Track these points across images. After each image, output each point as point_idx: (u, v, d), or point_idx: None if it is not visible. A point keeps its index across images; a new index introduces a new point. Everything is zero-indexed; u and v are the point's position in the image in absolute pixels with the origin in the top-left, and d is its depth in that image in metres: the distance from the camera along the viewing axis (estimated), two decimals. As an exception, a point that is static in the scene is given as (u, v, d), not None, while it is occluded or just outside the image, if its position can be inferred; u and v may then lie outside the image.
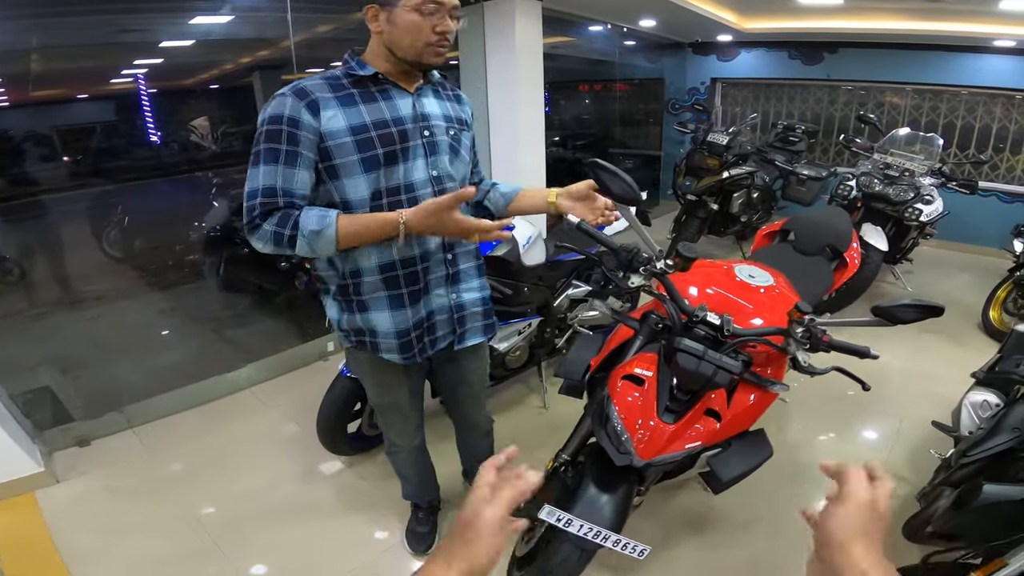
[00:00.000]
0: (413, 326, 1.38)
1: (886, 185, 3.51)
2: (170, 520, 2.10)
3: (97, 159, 5.74)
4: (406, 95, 1.30)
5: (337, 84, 1.24)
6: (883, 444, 2.49)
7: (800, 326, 1.34)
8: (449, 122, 1.37)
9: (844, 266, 2.32)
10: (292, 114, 1.17)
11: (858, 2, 4.05)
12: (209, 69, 6.09)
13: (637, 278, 1.37)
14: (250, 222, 1.20)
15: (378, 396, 1.58)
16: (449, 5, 1.21)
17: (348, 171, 1.23)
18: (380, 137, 1.24)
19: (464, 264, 1.44)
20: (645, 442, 1.32)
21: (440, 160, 1.34)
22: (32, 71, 4.66)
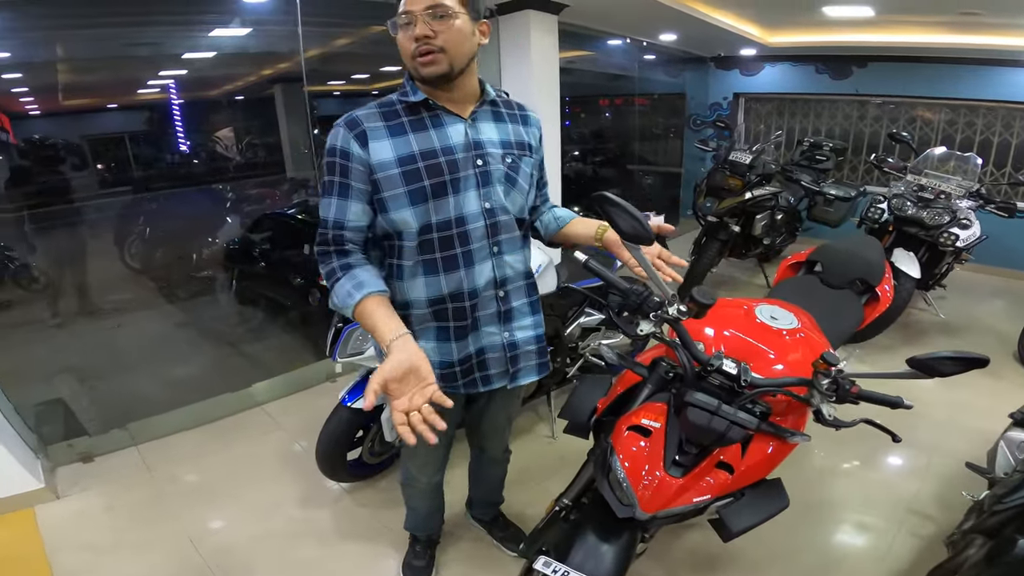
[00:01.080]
0: (458, 360, 1.34)
1: (920, 208, 3.34)
2: (166, 541, 2.08)
3: (124, 169, 5.84)
4: (458, 121, 1.25)
5: (390, 112, 1.22)
6: (912, 478, 2.36)
7: (826, 377, 1.23)
8: (507, 148, 1.30)
9: (875, 300, 2.18)
10: (343, 146, 1.18)
11: (889, 15, 3.90)
12: (233, 81, 6.18)
13: (647, 324, 1.26)
14: (316, 252, 1.25)
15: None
16: (417, 10, 1.12)
17: (396, 204, 1.21)
18: (427, 168, 1.20)
19: (516, 302, 1.39)
20: (650, 495, 1.23)
21: (493, 191, 1.28)
22: (62, 81, 4.77)
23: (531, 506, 2.16)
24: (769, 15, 4.40)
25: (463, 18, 1.16)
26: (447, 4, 1.13)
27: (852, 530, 2.12)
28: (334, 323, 2.06)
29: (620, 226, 1.17)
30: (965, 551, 1.52)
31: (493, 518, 2.02)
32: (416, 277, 1.28)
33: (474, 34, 1.20)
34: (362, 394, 2.02)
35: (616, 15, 3.95)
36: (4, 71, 4.15)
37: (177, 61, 4.99)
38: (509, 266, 1.34)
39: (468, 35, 1.18)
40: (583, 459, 1.53)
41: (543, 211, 1.51)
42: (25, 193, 4.47)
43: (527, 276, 1.41)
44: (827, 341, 1.57)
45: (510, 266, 1.35)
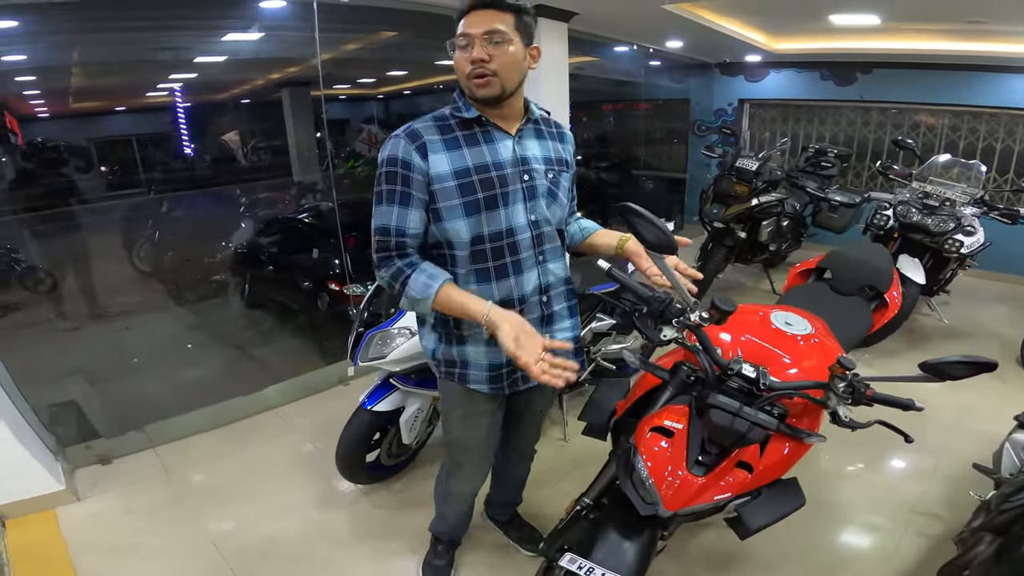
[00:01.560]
0: (506, 362, 1.40)
1: (925, 215, 3.38)
2: (187, 543, 2.11)
3: (131, 171, 5.89)
4: (507, 138, 1.33)
5: (445, 125, 1.29)
6: (918, 480, 2.39)
7: (842, 381, 1.27)
8: (549, 164, 1.38)
9: (884, 306, 2.22)
10: (405, 156, 1.24)
11: (895, 23, 3.95)
12: (240, 85, 6.24)
13: (670, 330, 1.30)
14: (373, 260, 1.31)
15: (463, 430, 1.56)
16: (476, 33, 1.20)
17: (451, 214, 1.27)
18: (481, 182, 1.28)
19: (558, 306, 1.46)
20: (672, 493, 1.27)
21: (539, 204, 1.36)
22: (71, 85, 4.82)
23: (546, 507, 2.19)
24: (776, 23, 4.45)
25: (517, 44, 1.23)
26: (503, 30, 1.20)
27: (860, 530, 2.16)
28: (355, 328, 2.09)
29: (644, 236, 1.22)
30: (974, 548, 1.56)
31: (509, 518, 2.06)
32: (468, 284, 1.34)
33: (525, 59, 1.27)
34: (381, 398, 2.08)
35: (624, 23, 4.01)
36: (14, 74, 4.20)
37: (186, 65, 5.04)
38: (552, 273, 1.42)
39: (520, 60, 1.25)
40: (595, 461, 1.57)
41: (570, 222, 1.58)
42: (33, 195, 4.52)
43: (567, 282, 1.49)
44: (840, 346, 1.61)
45: (553, 273, 1.43)
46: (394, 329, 2.02)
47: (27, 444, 2.23)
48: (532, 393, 1.58)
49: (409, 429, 2.15)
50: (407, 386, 2.05)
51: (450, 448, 1.64)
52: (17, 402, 2.35)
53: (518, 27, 1.23)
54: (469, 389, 1.44)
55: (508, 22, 1.21)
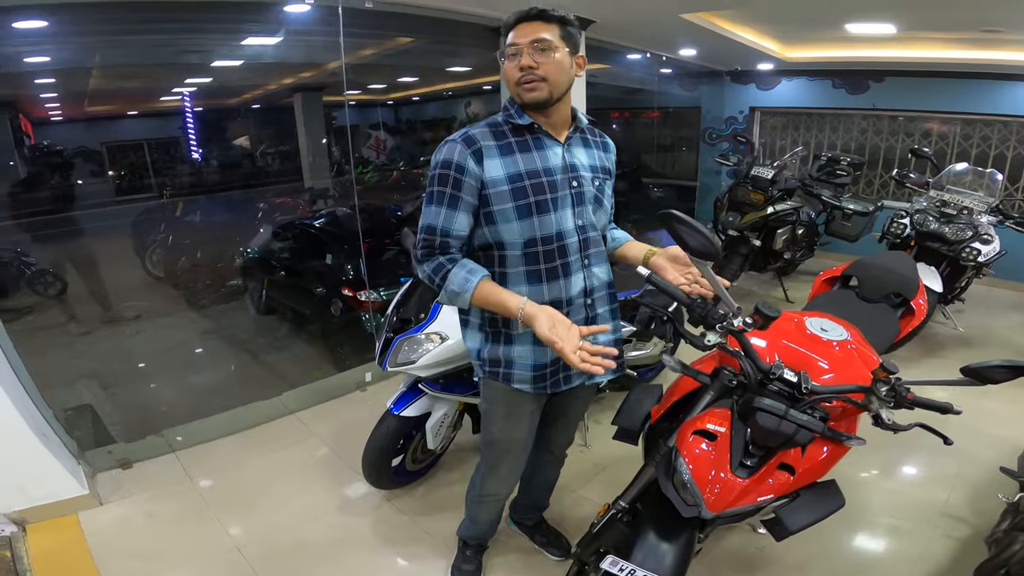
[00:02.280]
0: (550, 362, 1.44)
1: (943, 224, 3.39)
2: (211, 548, 2.09)
3: (142, 175, 5.90)
4: (557, 145, 1.37)
5: (499, 132, 1.34)
6: (943, 485, 2.39)
7: (885, 385, 1.28)
8: (595, 172, 1.43)
9: (910, 314, 2.22)
10: (460, 161, 1.28)
11: (909, 32, 3.97)
12: (253, 89, 6.27)
13: (713, 336, 1.31)
14: (417, 256, 1.36)
15: (504, 430, 1.58)
16: (525, 42, 1.26)
17: (504, 217, 1.32)
18: (533, 186, 1.32)
19: (601, 308, 1.50)
20: (716, 495, 1.28)
21: (586, 210, 1.41)
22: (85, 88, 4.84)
23: (569, 511, 2.19)
24: (790, 31, 4.48)
25: (563, 52, 1.28)
26: (549, 39, 1.26)
27: (887, 533, 2.16)
28: (384, 333, 2.09)
29: (688, 242, 1.22)
30: (1009, 547, 1.59)
31: (536, 523, 2.05)
32: (520, 285, 1.38)
33: (571, 67, 1.32)
34: (408, 403, 2.08)
35: (641, 31, 4.04)
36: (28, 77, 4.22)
37: (199, 70, 5.07)
38: (596, 277, 1.47)
39: (566, 68, 1.30)
40: (617, 466, 1.58)
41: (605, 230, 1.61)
42: (44, 198, 4.53)
43: (609, 286, 1.53)
44: (875, 352, 1.61)
45: (597, 277, 1.47)
46: (422, 335, 2.02)
47: (50, 448, 2.21)
48: (571, 396, 1.60)
49: (435, 434, 2.14)
50: (435, 391, 2.04)
51: (489, 448, 1.65)
52: (40, 406, 2.34)
53: (563, 37, 1.29)
54: (513, 389, 1.46)
55: (554, 32, 1.27)
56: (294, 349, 4.06)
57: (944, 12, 3.27)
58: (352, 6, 2.87)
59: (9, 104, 4.43)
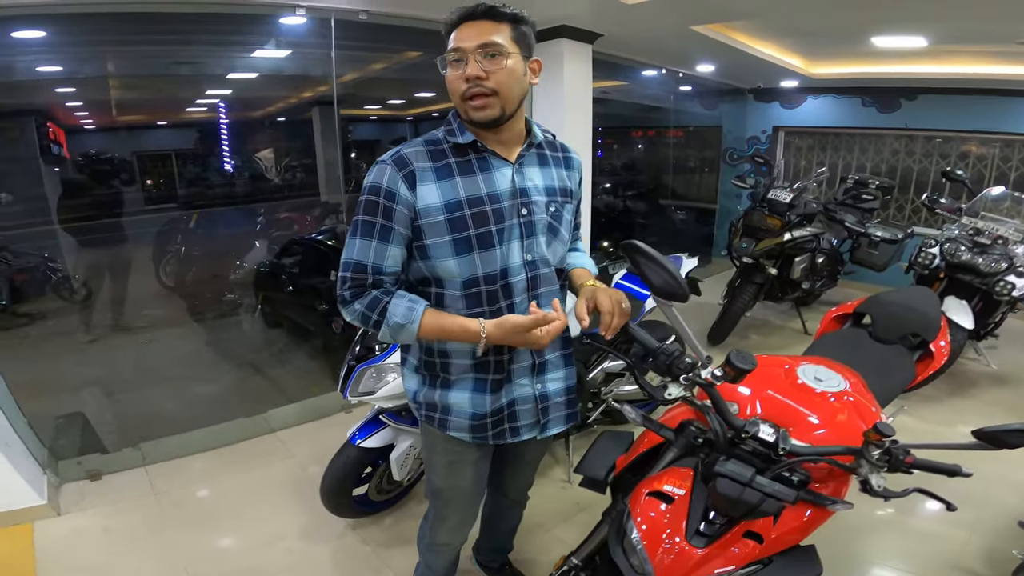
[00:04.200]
0: (490, 412, 1.28)
1: (975, 254, 3.12)
2: (160, 567, 2.03)
3: (164, 186, 6.00)
4: (506, 165, 1.19)
5: (437, 151, 1.16)
6: (957, 530, 2.18)
7: (878, 448, 1.10)
8: (551, 195, 1.24)
9: (929, 357, 1.99)
10: (390, 186, 1.12)
11: (941, 46, 3.73)
12: (275, 102, 6.35)
13: (676, 388, 1.14)
14: (340, 296, 1.18)
15: (446, 479, 1.42)
16: (470, 47, 1.08)
17: (439, 252, 1.15)
18: (474, 216, 1.14)
19: (551, 354, 1.32)
20: (667, 564, 1.13)
21: (536, 242, 1.22)
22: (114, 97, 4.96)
23: (542, 554, 2.04)
24: (814, 45, 4.27)
25: (515, 57, 1.11)
26: (500, 43, 1.08)
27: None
28: (347, 360, 1.99)
29: (651, 280, 1.10)
30: None
31: (500, 566, 1.91)
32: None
33: (525, 74, 1.15)
34: (371, 433, 1.96)
35: (651, 45, 3.90)
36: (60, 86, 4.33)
37: (221, 82, 5.15)
38: None
39: (520, 76, 1.13)
40: (598, 507, 1.45)
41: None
42: (71, 206, 4.62)
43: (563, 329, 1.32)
44: (877, 404, 1.42)
45: None
46: (389, 363, 1.90)
47: (12, 457, 2.18)
48: (522, 445, 1.42)
49: (400, 466, 2.02)
50: (398, 423, 1.93)
51: (435, 498, 1.49)
52: (10, 414, 2.31)
53: (516, 38, 1.11)
54: (452, 437, 1.31)
55: (505, 33, 1.09)
56: (290, 365, 4.01)
57: (975, 24, 3.04)
58: (344, 18, 2.83)
59: (38, 112, 4.55)
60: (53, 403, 3.00)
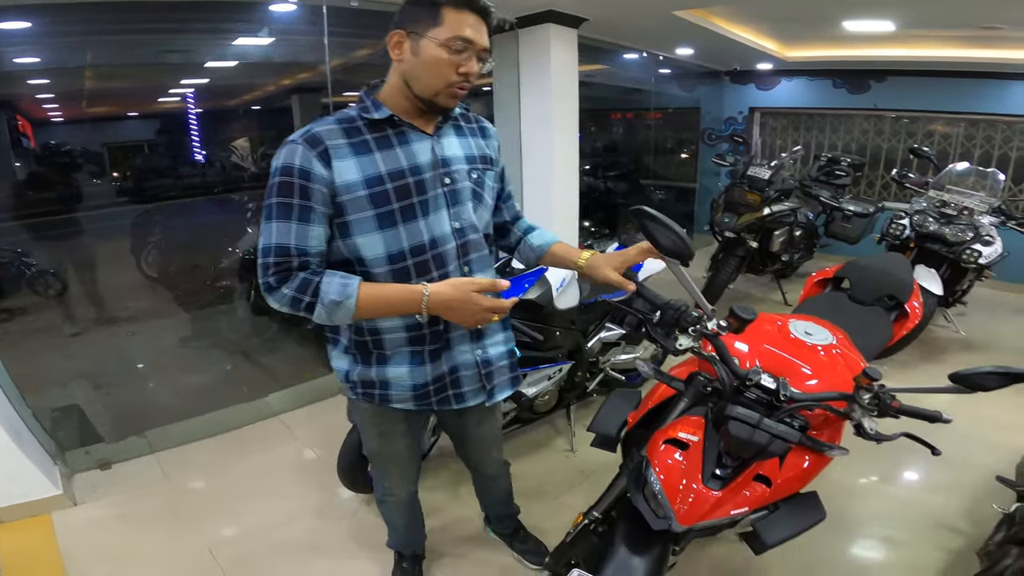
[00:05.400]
0: (432, 380, 1.31)
1: (942, 225, 3.31)
2: (183, 551, 2.06)
3: (141, 177, 5.88)
4: (424, 138, 1.21)
5: (352, 128, 1.15)
6: (937, 493, 2.33)
7: (868, 392, 1.21)
8: (472, 163, 1.27)
9: (904, 317, 2.15)
10: (303, 164, 1.09)
11: (909, 30, 3.89)
12: (251, 90, 6.24)
13: (686, 339, 1.25)
14: (265, 283, 1.14)
15: (378, 447, 1.50)
16: (479, 46, 1.12)
17: (363, 228, 1.15)
18: (396, 190, 1.15)
19: None
20: (687, 507, 1.22)
21: (463, 210, 1.25)
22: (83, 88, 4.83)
23: (550, 520, 2.12)
24: (787, 30, 4.40)
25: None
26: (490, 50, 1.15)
27: (877, 544, 2.10)
28: None
29: (659, 241, 1.18)
30: (1001, 562, 1.55)
31: (514, 530, 1.99)
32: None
33: None
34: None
35: (635, 29, 3.97)
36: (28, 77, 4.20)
37: (198, 70, 5.04)
38: None
39: None
40: (603, 473, 1.52)
41: (514, 232, 1.49)
42: (43, 199, 4.52)
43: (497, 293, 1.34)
44: (863, 357, 1.55)
45: None
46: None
47: (25, 448, 2.19)
48: (472, 414, 1.48)
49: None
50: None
51: (373, 458, 1.59)
52: (17, 406, 2.32)
53: None
54: (382, 408, 1.34)
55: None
56: (283, 351, 4.03)
57: (941, 8, 3.19)
58: (338, 5, 2.84)
59: (6, 105, 4.42)
60: (45, 397, 2.98)
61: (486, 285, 1.14)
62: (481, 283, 1.14)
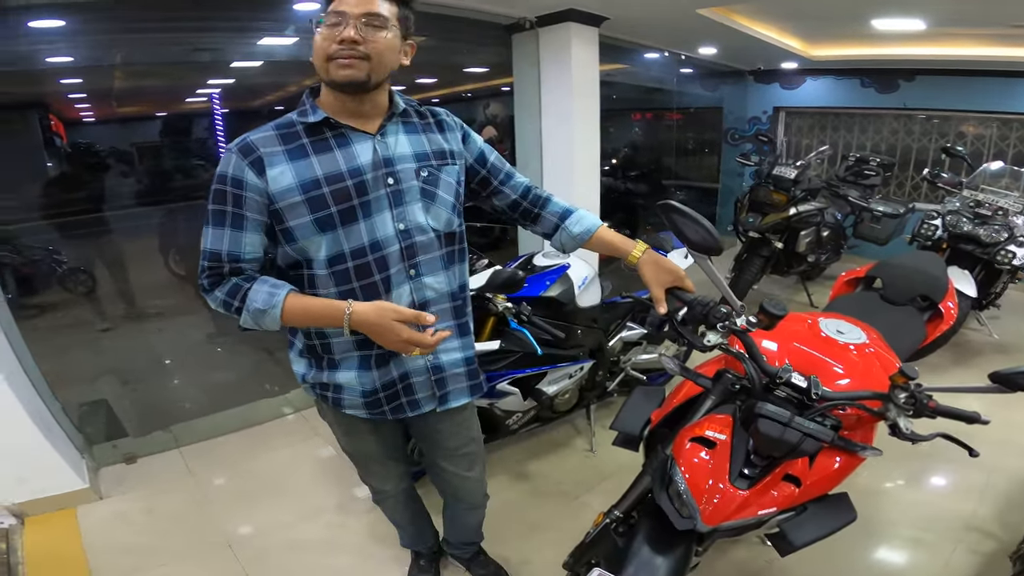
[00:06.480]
0: (381, 387, 1.28)
1: (976, 225, 3.21)
2: (205, 546, 2.08)
3: (168, 176, 5.99)
4: (365, 138, 1.16)
5: (289, 133, 1.14)
6: (968, 496, 2.26)
7: (904, 391, 1.18)
8: (422, 161, 1.21)
9: (938, 317, 2.08)
10: (236, 174, 1.10)
11: (939, 28, 3.79)
12: (274, 90, 6.33)
13: (714, 335, 1.22)
14: (200, 284, 1.17)
15: (348, 445, 1.49)
16: (354, 14, 1.05)
17: (303, 233, 1.13)
18: (333, 193, 1.12)
19: (442, 324, 1.26)
20: (713, 507, 1.20)
21: (409, 210, 1.20)
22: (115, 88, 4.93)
23: (570, 521, 2.10)
24: (814, 28, 4.32)
25: (394, 33, 1.10)
26: (384, 15, 1.07)
27: (906, 547, 2.05)
28: None
29: (688, 235, 1.16)
30: None
31: (472, 556, 1.90)
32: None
33: (400, 52, 1.14)
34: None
35: (657, 28, 3.94)
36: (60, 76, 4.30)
37: (224, 69, 5.11)
38: (430, 288, 1.26)
39: (395, 50, 1.12)
40: (623, 473, 1.50)
41: (546, 217, 1.41)
42: (73, 198, 4.63)
43: (453, 297, 1.31)
44: (896, 356, 1.50)
45: (431, 288, 1.26)
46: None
47: (54, 442, 2.22)
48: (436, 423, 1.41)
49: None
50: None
51: (351, 459, 1.56)
52: (47, 400, 2.36)
53: (399, 17, 1.11)
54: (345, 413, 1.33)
55: (390, 9, 1.09)
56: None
57: (973, 6, 3.10)
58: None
59: (39, 104, 4.54)
60: (73, 391, 3.04)
61: (409, 316, 1.10)
62: (404, 313, 1.11)
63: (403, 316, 1.11)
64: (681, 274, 1.29)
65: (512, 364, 2.06)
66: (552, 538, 2.03)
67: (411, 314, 1.11)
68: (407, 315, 1.11)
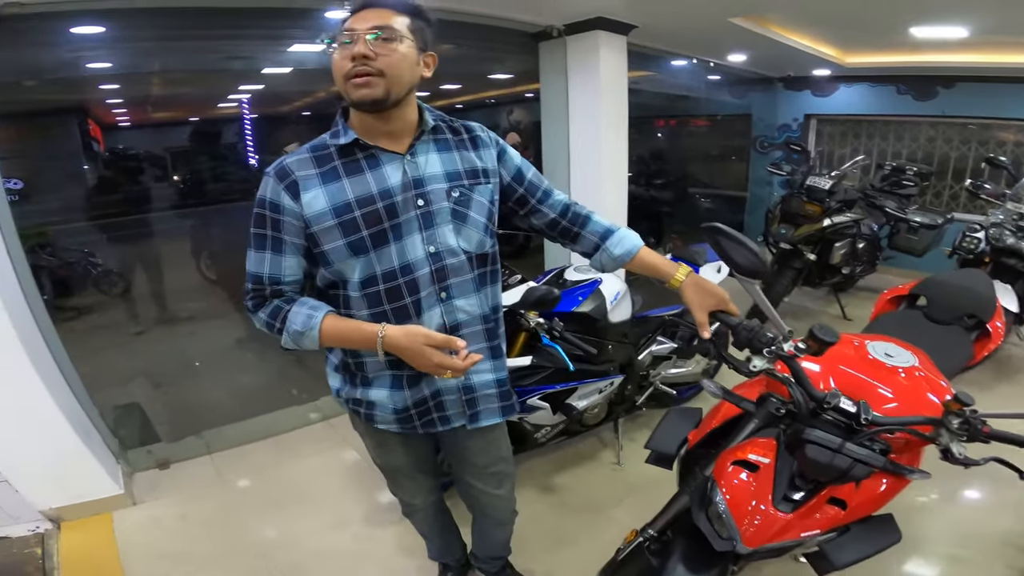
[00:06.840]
0: (413, 404, 1.29)
1: (1020, 238, 3.10)
2: (237, 554, 2.10)
3: (200, 180, 6.11)
4: (395, 158, 1.15)
5: (323, 156, 1.14)
6: (1008, 512, 2.19)
7: (958, 418, 1.14)
8: (454, 180, 1.19)
9: (985, 337, 2.01)
10: (273, 198, 1.12)
11: (982, 36, 3.68)
12: (303, 96, 6.43)
13: (760, 361, 1.18)
14: (246, 306, 1.22)
15: (379, 458, 1.49)
16: (362, 29, 1.04)
17: (337, 256, 1.15)
18: (365, 217, 1.12)
19: (472, 347, 1.23)
20: (754, 529, 1.18)
21: (439, 232, 1.18)
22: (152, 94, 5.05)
23: (597, 536, 2.08)
24: (849, 36, 4.22)
25: (409, 43, 1.08)
26: (395, 28, 1.06)
27: (943, 563, 2.00)
28: None
29: (735, 259, 1.15)
30: None
31: (500, 569, 1.88)
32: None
33: (418, 64, 1.12)
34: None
35: (687, 36, 3.90)
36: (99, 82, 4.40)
37: (255, 76, 5.19)
38: (461, 311, 1.25)
39: (412, 63, 1.10)
40: (652, 488, 1.48)
41: (586, 236, 1.38)
42: (109, 202, 4.75)
43: (485, 320, 1.30)
44: (945, 379, 1.45)
45: (462, 311, 1.25)
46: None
47: (91, 447, 2.26)
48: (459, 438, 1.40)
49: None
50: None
51: (382, 472, 1.55)
52: (85, 405, 2.40)
53: (413, 29, 1.09)
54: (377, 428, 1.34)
55: (402, 22, 1.08)
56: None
57: (1020, 13, 2.99)
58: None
59: (79, 110, 4.67)
60: (107, 395, 3.10)
61: (439, 341, 1.11)
62: (434, 338, 1.11)
63: (433, 341, 1.11)
64: (725, 297, 1.27)
65: (543, 379, 2.05)
66: (579, 552, 2.02)
67: (441, 339, 1.11)
68: (437, 340, 1.11)
